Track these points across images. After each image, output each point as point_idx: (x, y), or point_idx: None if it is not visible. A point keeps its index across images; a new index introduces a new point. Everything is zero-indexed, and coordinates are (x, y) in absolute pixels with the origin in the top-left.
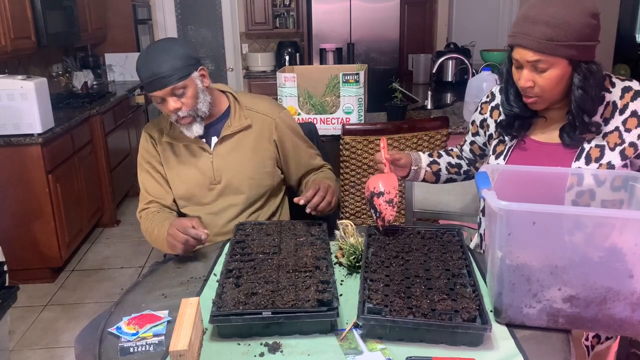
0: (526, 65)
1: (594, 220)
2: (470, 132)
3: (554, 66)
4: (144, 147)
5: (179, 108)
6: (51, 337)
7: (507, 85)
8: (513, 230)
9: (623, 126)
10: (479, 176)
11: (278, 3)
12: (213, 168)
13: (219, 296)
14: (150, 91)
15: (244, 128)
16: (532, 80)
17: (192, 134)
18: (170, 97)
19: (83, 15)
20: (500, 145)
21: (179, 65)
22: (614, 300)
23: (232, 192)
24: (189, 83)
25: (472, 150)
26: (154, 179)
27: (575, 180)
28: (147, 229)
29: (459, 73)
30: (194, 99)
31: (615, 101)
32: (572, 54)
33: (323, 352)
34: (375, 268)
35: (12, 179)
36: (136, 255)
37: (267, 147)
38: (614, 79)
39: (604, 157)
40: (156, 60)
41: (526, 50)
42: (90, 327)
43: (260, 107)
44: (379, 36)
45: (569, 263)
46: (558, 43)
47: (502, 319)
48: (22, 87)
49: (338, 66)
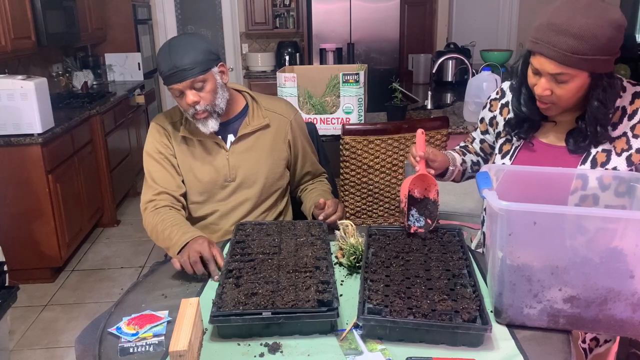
0: (546, 75)
1: (595, 220)
2: (479, 130)
3: (574, 78)
4: (155, 138)
5: (197, 102)
6: (51, 337)
7: (521, 87)
8: (514, 231)
9: (631, 132)
10: (480, 176)
11: (278, 3)
12: (229, 166)
13: (219, 296)
14: (170, 83)
15: (262, 127)
16: (549, 90)
17: (208, 130)
18: (189, 90)
19: (83, 15)
20: (507, 145)
21: (200, 59)
22: (615, 301)
23: (245, 190)
24: (209, 77)
25: (483, 149)
26: (165, 169)
27: (579, 184)
28: (155, 226)
29: (459, 73)
30: (212, 93)
31: (624, 106)
32: (595, 67)
33: (323, 353)
34: (375, 268)
35: (12, 179)
36: (136, 255)
37: (282, 148)
38: (624, 83)
39: (610, 162)
40: (178, 53)
41: (549, 61)
42: (91, 327)
43: (278, 107)
44: (379, 36)
45: (570, 263)
46: (583, 57)
47: (503, 319)
48: (22, 87)
49: (338, 66)
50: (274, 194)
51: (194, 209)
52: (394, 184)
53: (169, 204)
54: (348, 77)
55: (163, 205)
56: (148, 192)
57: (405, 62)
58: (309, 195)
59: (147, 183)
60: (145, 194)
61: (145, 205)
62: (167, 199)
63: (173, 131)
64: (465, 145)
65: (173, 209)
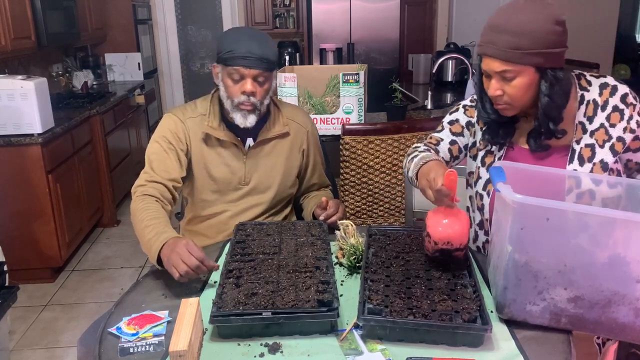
0: (494, 75)
1: (604, 220)
2: (448, 131)
3: (520, 74)
4: (170, 128)
5: (253, 92)
6: (51, 337)
7: (482, 94)
8: (526, 225)
9: (607, 122)
10: (494, 170)
11: (278, 3)
12: (245, 169)
13: (219, 296)
14: (237, 65)
15: (282, 135)
16: (500, 89)
17: (245, 123)
18: (251, 79)
19: (83, 15)
20: (489, 157)
21: (273, 58)
22: (619, 304)
23: (258, 195)
24: (271, 77)
25: (451, 150)
26: (168, 158)
27: (573, 183)
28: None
29: (459, 73)
30: (266, 92)
31: (595, 99)
32: (538, 61)
33: (323, 353)
34: (375, 268)
35: (12, 179)
36: (136, 255)
37: (297, 157)
38: (588, 77)
39: (596, 156)
40: (258, 42)
41: (493, 60)
42: (93, 328)
43: (297, 116)
44: (379, 36)
45: (578, 263)
46: (524, 51)
47: (505, 314)
48: (22, 87)
49: (338, 66)
50: (283, 200)
51: (203, 207)
52: (394, 184)
53: (157, 195)
54: (348, 77)
55: (151, 194)
56: (142, 177)
57: (405, 62)
58: (311, 201)
59: (144, 169)
60: (139, 179)
61: (135, 189)
62: (157, 189)
63: (193, 127)
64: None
65: (159, 202)
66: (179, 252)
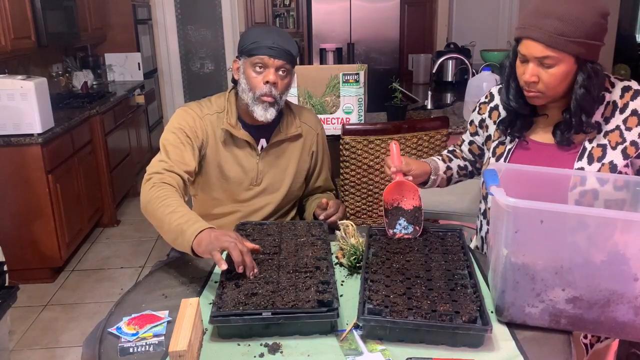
0: (533, 60)
1: (600, 221)
2: (468, 132)
3: (560, 62)
4: (187, 121)
5: (275, 83)
6: (51, 337)
7: (509, 80)
8: (520, 228)
9: (624, 125)
10: (487, 173)
11: (278, 3)
12: (257, 170)
13: (219, 296)
14: (262, 54)
15: (294, 136)
16: (536, 75)
17: (265, 116)
18: (274, 69)
19: (83, 15)
20: (500, 147)
21: (295, 54)
22: (618, 303)
23: (268, 196)
24: (292, 73)
25: (471, 150)
26: (184, 150)
27: (578, 180)
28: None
29: (459, 73)
30: (286, 87)
31: (615, 100)
32: (580, 51)
33: (323, 353)
34: (375, 269)
35: (12, 179)
36: (136, 255)
37: (306, 159)
38: (612, 79)
39: (606, 157)
40: (284, 36)
41: (536, 44)
42: (97, 330)
43: (308, 119)
44: (379, 36)
45: (575, 264)
46: (568, 39)
47: (504, 317)
48: (22, 87)
49: (338, 66)
50: (291, 202)
51: (213, 205)
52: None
53: (175, 185)
54: (348, 77)
55: (169, 183)
56: (158, 165)
57: (405, 62)
58: (313, 203)
59: (160, 156)
60: (154, 166)
61: (151, 175)
62: (175, 180)
63: (211, 124)
64: (453, 149)
65: (178, 192)
66: (231, 234)
